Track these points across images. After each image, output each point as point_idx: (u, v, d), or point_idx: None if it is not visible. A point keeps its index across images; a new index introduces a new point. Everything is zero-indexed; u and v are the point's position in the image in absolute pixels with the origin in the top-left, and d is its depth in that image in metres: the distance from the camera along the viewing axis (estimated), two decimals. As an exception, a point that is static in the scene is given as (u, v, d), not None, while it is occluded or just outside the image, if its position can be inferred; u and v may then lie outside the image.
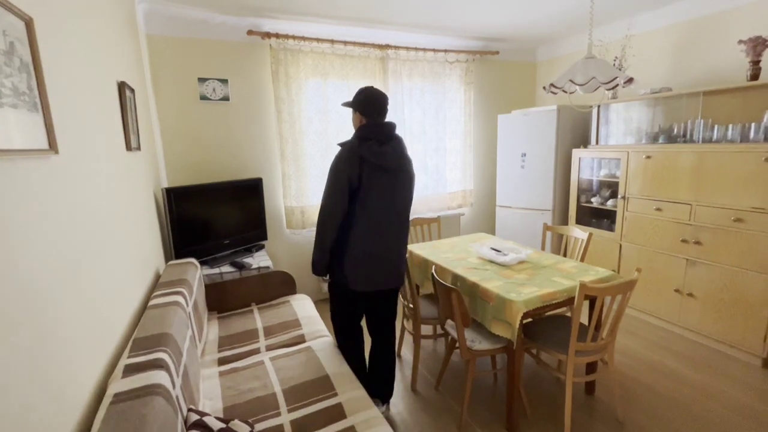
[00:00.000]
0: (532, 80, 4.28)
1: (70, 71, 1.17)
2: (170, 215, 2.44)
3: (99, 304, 1.19)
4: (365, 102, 1.76)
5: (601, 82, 1.57)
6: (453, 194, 4.01)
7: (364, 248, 1.74)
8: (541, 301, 1.76)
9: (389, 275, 1.84)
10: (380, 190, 1.72)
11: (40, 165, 0.93)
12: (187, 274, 2.04)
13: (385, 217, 1.76)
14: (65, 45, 1.16)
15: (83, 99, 1.26)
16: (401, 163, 1.78)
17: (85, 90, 1.29)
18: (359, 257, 1.74)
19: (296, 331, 2.13)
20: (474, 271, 2.13)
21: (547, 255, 2.36)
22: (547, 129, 3.45)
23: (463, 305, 1.76)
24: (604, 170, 3.30)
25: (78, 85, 1.23)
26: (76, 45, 1.26)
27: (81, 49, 1.30)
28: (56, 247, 0.95)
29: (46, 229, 0.91)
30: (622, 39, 3.21)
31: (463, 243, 2.70)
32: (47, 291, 0.88)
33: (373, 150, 1.68)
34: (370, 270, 1.77)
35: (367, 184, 1.69)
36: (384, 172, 1.72)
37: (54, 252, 0.93)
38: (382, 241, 1.77)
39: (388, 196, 1.75)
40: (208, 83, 2.91)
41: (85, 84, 1.30)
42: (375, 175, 1.69)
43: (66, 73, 1.13)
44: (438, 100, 3.73)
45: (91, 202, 1.22)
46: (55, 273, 0.92)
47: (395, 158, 1.74)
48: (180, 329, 1.50)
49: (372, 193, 1.70)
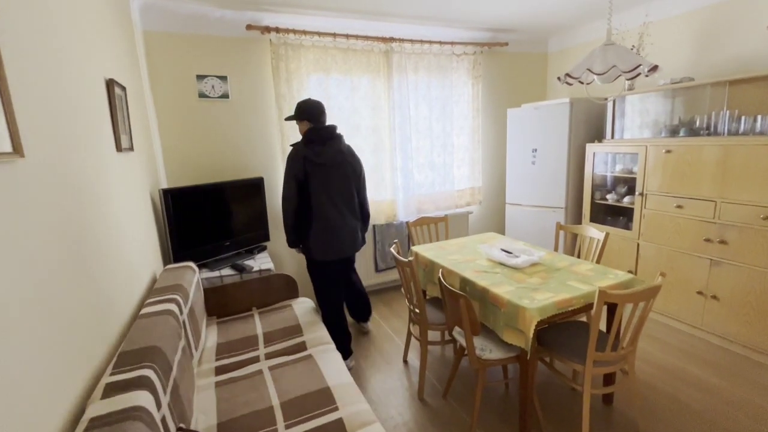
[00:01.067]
0: (542, 72, 4.12)
1: (43, 66, 1.08)
2: (168, 217, 2.36)
3: (77, 322, 1.11)
4: (308, 110, 2.26)
5: (623, 70, 1.43)
6: (461, 192, 3.88)
7: (319, 227, 2.27)
8: (557, 308, 1.64)
9: (342, 246, 2.34)
10: (323, 180, 2.24)
11: (3, 169, 0.84)
12: (183, 279, 1.96)
13: (330, 201, 2.26)
14: (36, 37, 1.07)
15: (62, 97, 1.18)
16: (338, 157, 2.28)
17: (63, 87, 1.20)
18: (317, 234, 2.28)
19: (297, 338, 2.05)
20: (484, 274, 2.01)
21: (560, 256, 2.23)
22: (559, 123, 3.30)
23: (473, 312, 1.65)
24: (619, 165, 3.14)
25: (54, 81, 1.14)
26: (52, 38, 1.17)
27: (58, 42, 1.21)
28: (19, 263, 0.86)
29: (9, 244, 0.83)
30: (639, 27, 3.04)
31: (471, 244, 2.58)
32: (8, 319, 0.79)
33: (315, 150, 2.20)
34: (326, 243, 2.30)
35: (312, 177, 2.21)
36: (324, 167, 2.23)
37: (17, 271, 0.85)
38: (331, 221, 2.28)
39: (330, 184, 2.26)
40: (207, 80, 2.83)
41: (64, 80, 1.21)
42: (317, 170, 2.22)
43: (38, 68, 1.04)
44: (445, 94, 3.60)
45: (67, 210, 1.13)
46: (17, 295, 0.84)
47: (332, 154, 2.25)
48: (171, 340, 1.41)
49: (315, 183, 2.22)
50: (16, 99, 0.90)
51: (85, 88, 1.39)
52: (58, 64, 1.18)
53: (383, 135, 3.40)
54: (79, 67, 1.37)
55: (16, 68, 0.92)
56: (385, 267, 3.56)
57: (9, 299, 0.80)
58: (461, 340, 1.91)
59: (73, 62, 1.31)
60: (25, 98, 0.95)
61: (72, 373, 1.03)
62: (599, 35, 3.50)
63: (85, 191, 1.27)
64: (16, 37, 0.94)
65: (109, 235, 1.46)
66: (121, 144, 1.71)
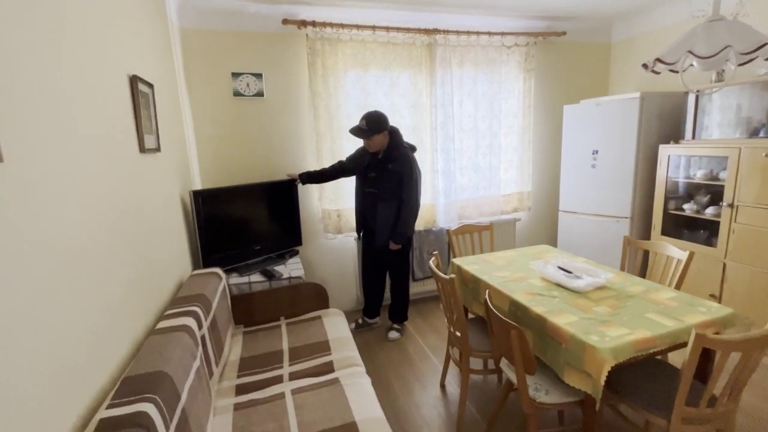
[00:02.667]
0: (605, 64, 3.68)
1: (40, 57, 0.96)
2: (198, 220, 2.28)
3: (72, 345, 0.98)
4: (386, 120, 2.50)
5: (740, 52, 1.10)
6: (507, 197, 3.55)
7: None
8: (635, 350, 1.33)
9: None
10: None
11: None
12: (206, 287, 1.85)
13: None
14: (28, 19, 0.95)
15: (66, 93, 1.06)
16: None
17: (70, 82, 1.09)
18: None
19: (324, 357, 1.87)
20: (538, 298, 1.72)
21: (632, 279, 1.89)
22: (626, 121, 2.89)
23: (527, 348, 1.38)
24: (701, 171, 2.68)
25: (55, 76, 1.02)
26: (55, 23, 1.05)
27: (64, 28, 1.10)
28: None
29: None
30: (734, 6, 2.56)
31: (521, 258, 2.28)
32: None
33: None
34: None
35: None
36: None
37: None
38: None
39: None
40: (242, 78, 2.74)
41: (71, 75, 1.10)
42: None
43: (29, 59, 0.92)
44: (493, 90, 3.29)
45: (61, 220, 1.01)
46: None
47: None
48: (182, 363, 1.28)
49: None
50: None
51: (101, 84, 1.29)
52: (65, 56, 1.07)
53: (424, 135, 3.16)
54: (96, 61, 1.26)
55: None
56: (422, 276, 3.32)
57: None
58: (511, 376, 1.63)
59: (88, 55, 1.21)
60: (6, 92, 0.82)
61: (65, 406, 0.90)
62: (676, 20, 3.03)
63: (85, 199, 1.16)
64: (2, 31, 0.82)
65: (117, 245, 1.34)
66: (145, 144, 1.61)
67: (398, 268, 2.78)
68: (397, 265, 2.76)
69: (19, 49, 0.87)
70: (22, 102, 0.87)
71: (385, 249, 2.66)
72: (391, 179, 2.53)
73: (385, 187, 2.55)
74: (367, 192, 2.64)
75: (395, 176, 2.52)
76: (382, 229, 2.61)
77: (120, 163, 1.39)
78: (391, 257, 2.72)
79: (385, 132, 2.48)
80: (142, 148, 1.60)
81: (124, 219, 1.37)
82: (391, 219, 2.59)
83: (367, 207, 2.66)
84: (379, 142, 2.50)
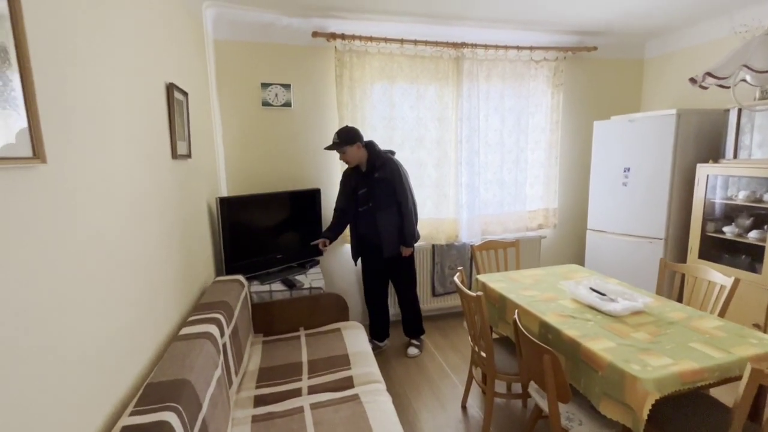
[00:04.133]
0: (637, 81, 3.59)
1: (83, 61, 0.98)
2: (223, 226, 2.30)
3: (99, 347, 0.98)
4: (359, 133, 2.49)
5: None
6: (533, 213, 3.46)
7: None
8: (681, 382, 1.23)
9: None
10: None
11: (21, 176, 0.72)
12: (229, 294, 1.85)
13: None
14: (79, 27, 0.97)
15: (107, 98, 1.08)
16: None
17: (110, 87, 1.11)
18: None
19: (344, 372, 1.82)
20: (570, 320, 1.64)
21: (671, 304, 1.78)
22: (661, 138, 2.78)
23: (561, 375, 1.30)
24: (743, 191, 2.54)
25: (96, 79, 1.04)
26: (101, 31, 1.08)
27: (108, 37, 1.12)
28: (38, 280, 0.73)
29: (22, 263, 0.69)
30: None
31: (550, 278, 2.20)
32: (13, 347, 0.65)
33: None
34: None
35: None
36: None
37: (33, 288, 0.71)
38: None
39: None
40: (271, 89, 2.78)
41: (112, 79, 1.12)
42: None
43: (74, 62, 0.94)
44: (520, 105, 3.24)
45: (100, 222, 1.01)
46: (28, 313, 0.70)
47: None
48: (204, 371, 1.26)
49: None
50: (41, 93, 0.78)
51: (139, 91, 1.32)
52: (107, 60, 1.09)
53: (448, 148, 3.13)
54: (136, 67, 1.29)
55: (46, 57, 0.81)
56: (443, 291, 3.25)
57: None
58: (540, 402, 1.55)
59: (128, 61, 1.24)
60: (51, 95, 0.84)
61: (92, 409, 0.89)
62: (713, 36, 2.93)
63: (122, 203, 1.17)
64: (53, 19, 0.84)
65: (158, 247, 1.35)
66: (177, 151, 1.64)
67: (405, 279, 2.69)
68: (403, 276, 2.68)
69: (68, 56, 0.89)
70: (68, 106, 0.88)
71: (395, 259, 2.59)
72: (382, 187, 2.48)
73: (378, 197, 2.49)
74: (362, 212, 2.56)
75: (385, 183, 2.47)
76: (389, 239, 2.52)
77: (154, 167, 1.41)
78: (398, 269, 2.64)
79: (358, 144, 2.45)
80: (175, 154, 1.62)
81: (155, 222, 1.38)
82: (395, 225, 2.52)
83: (366, 226, 2.57)
84: (355, 155, 2.46)
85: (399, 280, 2.70)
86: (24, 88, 0.73)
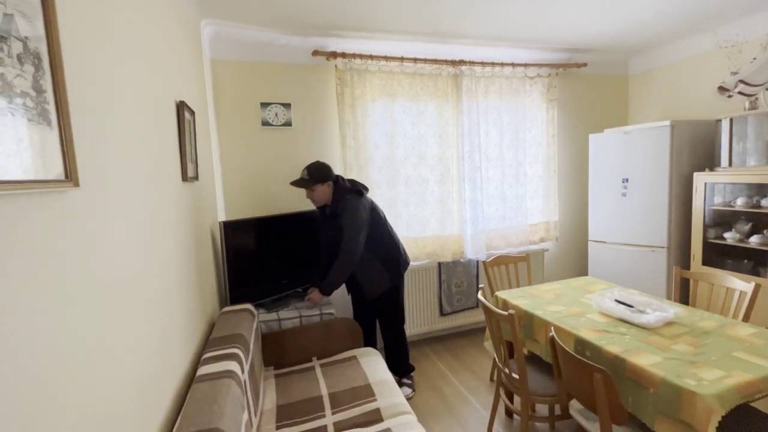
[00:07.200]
0: (623, 96, 3.72)
1: (109, 74, 0.88)
2: (227, 252, 2.16)
3: (127, 391, 0.84)
4: (330, 170, 2.32)
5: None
6: (534, 227, 3.46)
7: None
8: (740, 395, 1.19)
9: None
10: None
11: (50, 203, 0.61)
12: (242, 326, 1.71)
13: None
14: (103, 38, 0.88)
15: (126, 114, 0.98)
16: None
17: (130, 103, 1.01)
18: None
19: (370, 404, 1.69)
20: (606, 335, 1.59)
21: (699, 313, 1.76)
22: (657, 149, 2.86)
23: (615, 394, 1.24)
24: (741, 198, 2.62)
25: (118, 94, 0.95)
26: (121, 44, 0.99)
27: (128, 50, 1.03)
28: (67, 324, 0.61)
29: (52, 300, 0.58)
30: (764, 36, 2.59)
31: (569, 291, 2.16)
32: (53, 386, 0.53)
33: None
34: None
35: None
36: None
37: (64, 331, 0.59)
38: None
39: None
40: (271, 108, 2.71)
41: (130, 95, 1.02)
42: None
43: (100, 75, 0.85)
44: (517, 120, 3.28)
45: (123, 253, 0.90)
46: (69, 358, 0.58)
47: None
48: (233, 416, 1.12)
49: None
50: (74, 110, 0.68)
51: (154, 108, 1.22)
52: (127, 73, 1.00)
53: (450, 164, 3.12)
54: (150, 83, 1.19)
55: (78, 72, 0.72)
56: (451, 311, 3.17)
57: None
58: (586, 424, 1.47)
59: (145, 76, 1.14)
60: (83, 111, 0.74)
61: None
62: (694, 52, 3.09)
63: (142, 229, 1.05)
64: (83, 31, 0.75)
65: (171, 278, 1.22)
66: (188, 173, 1.53)
67: (387, 316, 2.48)
68: (385, 312, 2.47)
69: (96, 80, 0.80)
70: (96, 128, 0.78)
71: (378, 301, 2.41)
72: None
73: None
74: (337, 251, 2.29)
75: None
76: (368, 283, 2.35)
77: (165, 191, 1.29)
78: (380, 306, 2.45)
79: (329, 182, 2.27)
80: (185, 177, 1.51)
81: (172, 251, 1.25)
82: (372, 267, 2.34)
83: None
84: (323, 194, 2.28)
85: (381, 317, 2.50)
86: (57, 102, 0.63)
